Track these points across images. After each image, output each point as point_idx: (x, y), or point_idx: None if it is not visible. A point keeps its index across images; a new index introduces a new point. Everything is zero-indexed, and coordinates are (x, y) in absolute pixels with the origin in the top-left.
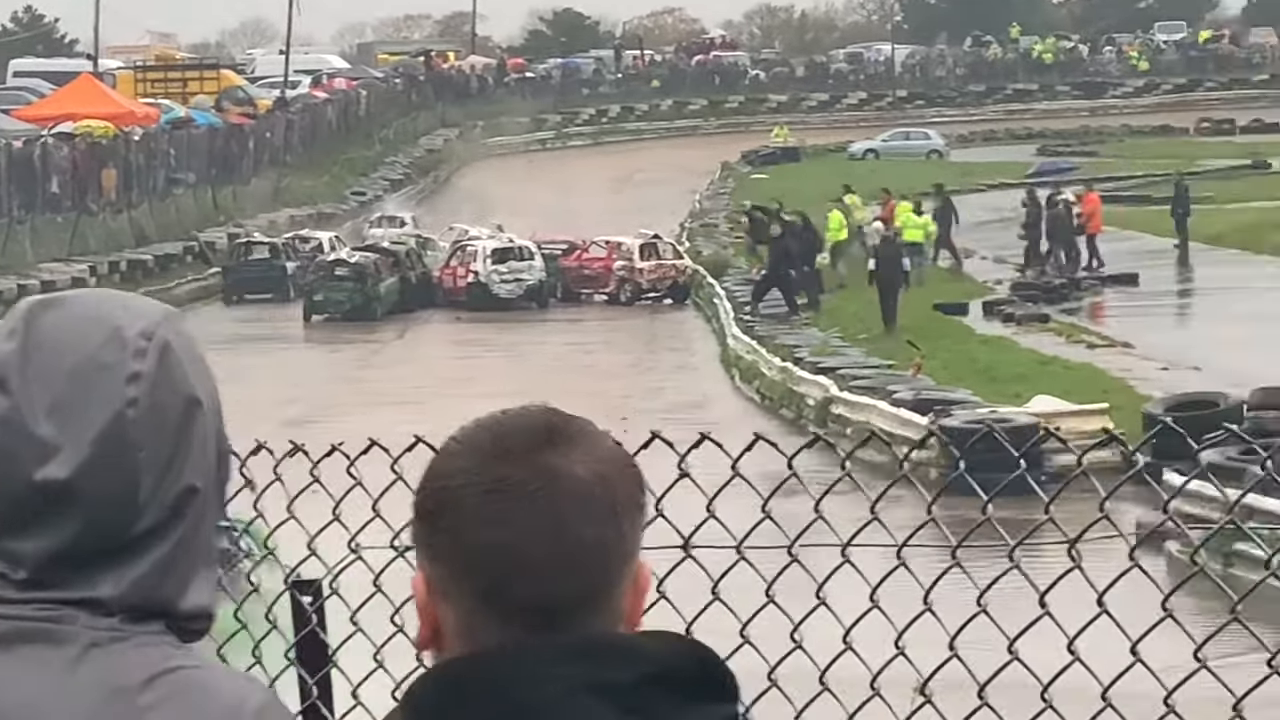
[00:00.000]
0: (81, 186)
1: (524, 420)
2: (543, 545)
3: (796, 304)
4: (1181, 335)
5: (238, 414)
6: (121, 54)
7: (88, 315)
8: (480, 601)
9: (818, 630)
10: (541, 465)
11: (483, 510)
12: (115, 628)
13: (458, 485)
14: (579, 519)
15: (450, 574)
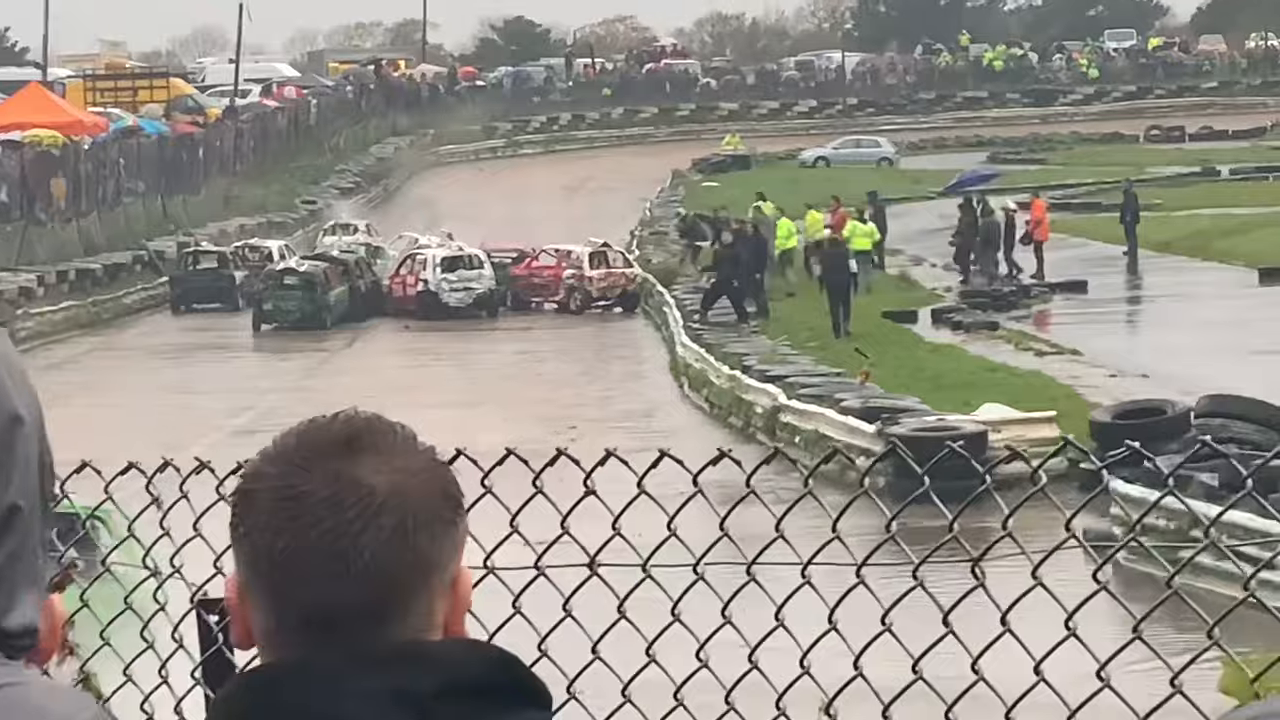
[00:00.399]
0: (30, 196)
1: (331, 427)
2: (322, 554)
3: (746, 312)
4: (1130, 342)
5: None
6: (71, 62)
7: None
8: (269, 607)
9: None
10: (333, 473)
11: (272, 516)
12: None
13: (256, 489)
14: (362, 529)
15: (247, 578)
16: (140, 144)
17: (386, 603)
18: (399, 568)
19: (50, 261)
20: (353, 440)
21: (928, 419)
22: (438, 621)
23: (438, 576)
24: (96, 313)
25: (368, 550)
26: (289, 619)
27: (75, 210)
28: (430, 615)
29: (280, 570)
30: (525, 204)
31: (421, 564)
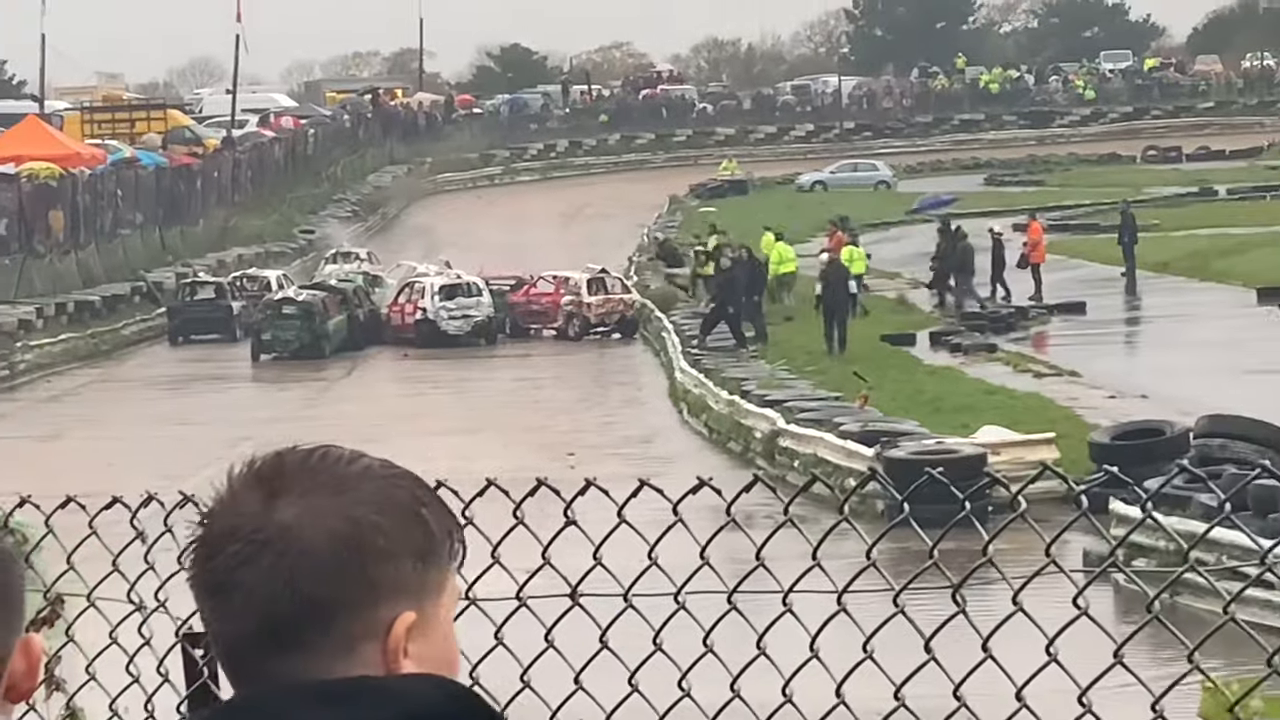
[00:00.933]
0: (28, 228)
1: (269, 462)
2: (216, 592)
3: (744, 337)
4: (1129, 363)
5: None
6: (69, 95)
7: None
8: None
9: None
10: (234, 513)
11: (195, 551)
12: None
13: (197, 524)
14: (243, 568)
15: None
16: (138, 175)
17: (280, 641)
18: (281, 607)
19: (48, 294)
20: (279, 476)
21: (927, 442)
22: (371, 663)
23: (346, 620)
24: (95, 344)
25: (245, 587)
26: (218, 649)
27: (73, 242)
28: (352, 657)
29: (200, 606)
30: (523, 231)
31: (310, 606)
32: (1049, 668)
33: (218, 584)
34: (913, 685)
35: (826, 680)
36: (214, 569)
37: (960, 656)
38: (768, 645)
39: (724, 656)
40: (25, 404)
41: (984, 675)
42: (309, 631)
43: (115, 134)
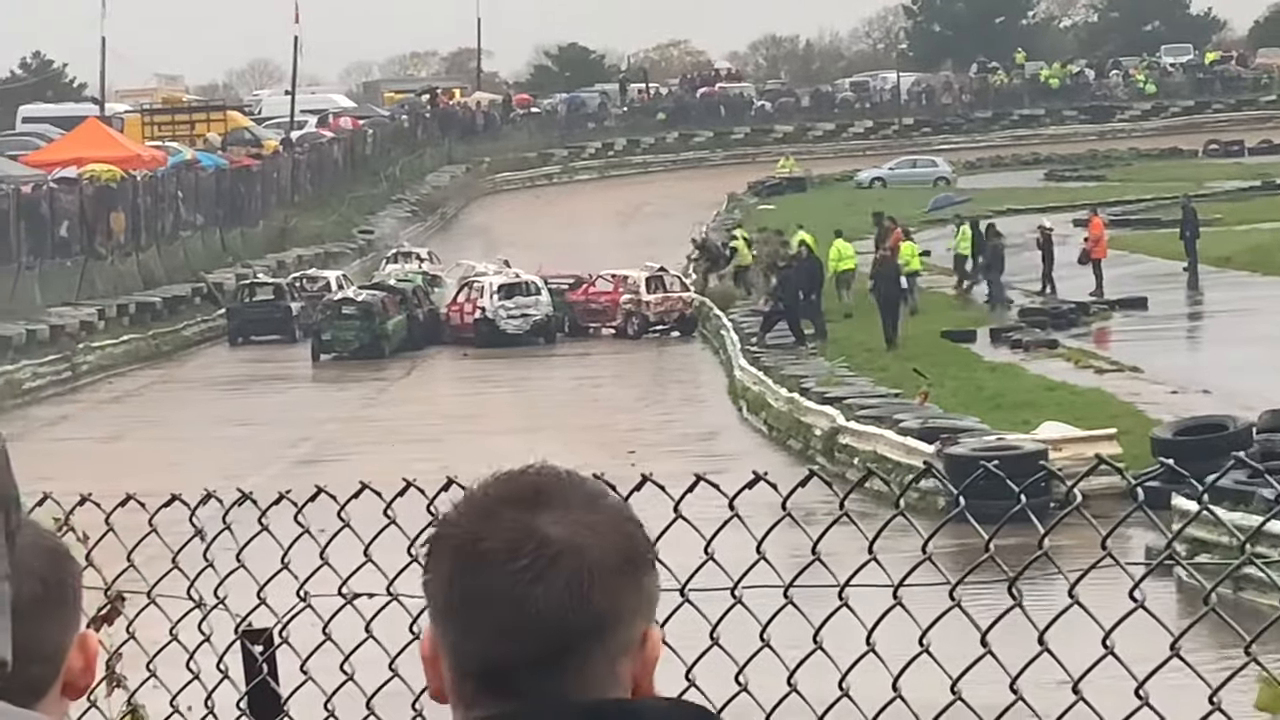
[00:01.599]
0: (90, 230)
1: (519, 479)
2: (496, 607)
3: (803, 335)
4: (1191, 358)
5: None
6: (129, 97)
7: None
8: (452, 658)
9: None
10: (513, 526)
11: (455, 567)
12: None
13: (442, 539)
14: (534, 579)
15: (437, 631)
16: (198, 177)
17: (561, 657)
18: (572, 621)
19: (110, 295)
20: (539, 493)
21: (987, 438)
22: (624, 682)
23: (618, 634)
24: (156, 346)
25: (540, 601)
26: (470, 671)
27: (134, 244)
28: (613, 675)
29: (458, 621)
30: (581, 230)
31: (597, 620)
32: (1107, 662)
33: (494, 599)
34: (968, 680)
35: (883, 675)
36: (491, 585)
37: (1017, 651)
38: (824, 640)
39: (780, 651)
40: (87, 405)
41: (1040, 670)
42: (589, 646)
43: (175, 136)
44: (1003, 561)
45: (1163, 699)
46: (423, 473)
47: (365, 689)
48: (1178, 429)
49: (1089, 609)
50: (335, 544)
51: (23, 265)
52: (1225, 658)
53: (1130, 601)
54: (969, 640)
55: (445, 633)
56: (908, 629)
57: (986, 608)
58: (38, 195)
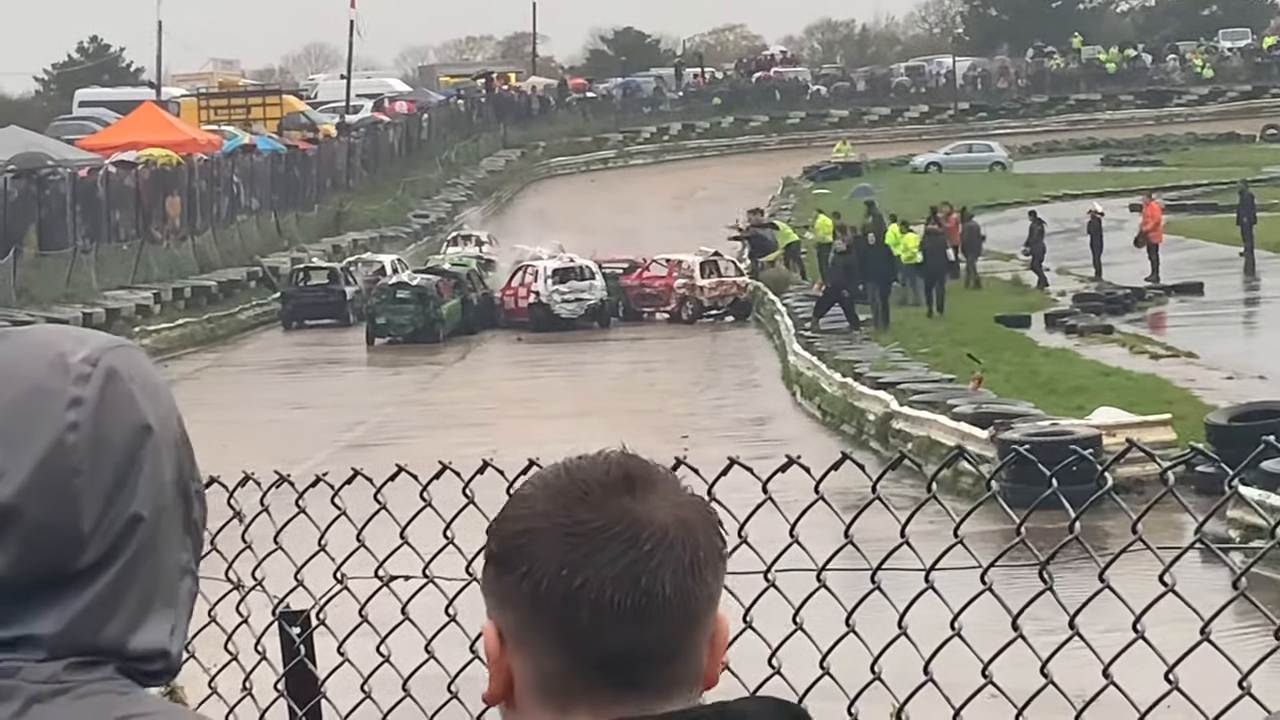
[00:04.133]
0: (145, 214)
1: (602, 465)
2: (623, 593)
3: (858, 320)
4: (1247, 344)
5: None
6: (185, 82)
7: (33, 345)
8: (559, 651)
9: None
10: (621, 510)
11: (563, 555)
12: (57, 679)
13: (536, 530)
14: (659, 566)
15: (527, 621)
16: (253, 161)
17: (680, 640)
18: (694, 602)
19: (166, 279)
20: (631, 478)
21: (1041, 424)
22: (703, 669)
23: (711, 619)
24: (212, 329)
25: (668, 584)
26: (587, 660)
27: (190, 228)
28: (700, 661)
29: (576, 612)
30: (636, 214)
31: (704, 604)
32: (1144, 647)
33: (638, 587)
34: (999, 664)
35: (915, 657)
36: (614, 572)
37: (1049, 637)
38: (856, 623)
39: (813, 634)
40: None
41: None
42: (698, 632)
43: (231, 120)
44: (1048, 545)
45: (1194, 683)
46: (474, 457)
47: (402, 671)
48: (1233, 415)
49: (1121, 595)
50: (373, 526)
51: (79, 249)
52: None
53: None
54: (1001, 624)
55: (550, 622)
56: (941, 612)
57: (1021, 592)
58: (94, 179)
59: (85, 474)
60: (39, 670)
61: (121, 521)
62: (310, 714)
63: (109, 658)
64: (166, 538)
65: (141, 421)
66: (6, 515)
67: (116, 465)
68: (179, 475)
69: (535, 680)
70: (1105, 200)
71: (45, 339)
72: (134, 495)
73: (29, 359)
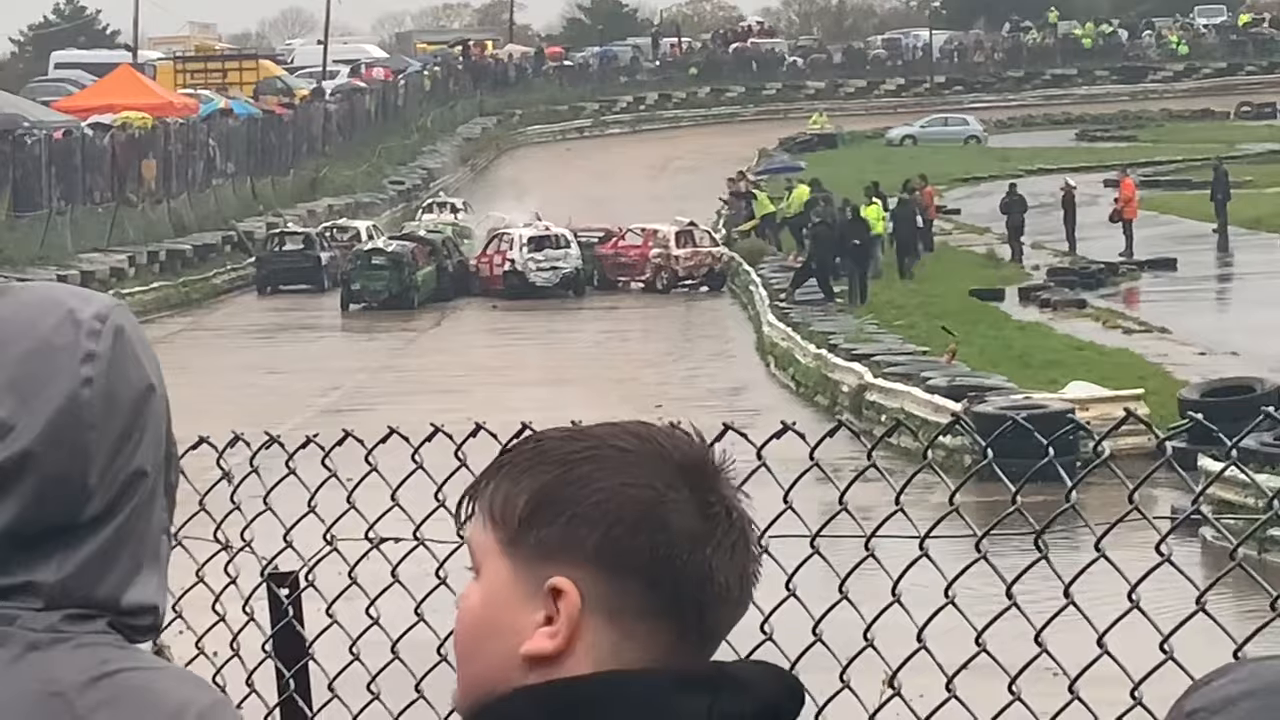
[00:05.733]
0: (121, 177)
1: (695, 444)
2: (734, 574)
3: (833, 292)
4: (1220, 320)
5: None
6: (162, 45)
7: (41, 300)
8: (664, 620)
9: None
10: (727, 496)
11: (695, 530)
12: (55, 628)
13: (663, 499)
14: (750, 550)
15: (633, 589)
16: (230, 125)
17: (738, 620)
18: (755, 586)
19: (140, 242)
20: (717, 464)
21: (1014, 397)
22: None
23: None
24: (186, 293)
25: (754, 570)
26: (690, 633)
27: (165, 191)
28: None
29: (700, 584)
30: (611, 183)
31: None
32: (1130, 617)
33: (745, 572)
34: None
35: (908, 625)
36: (741, 556)
37: (1041, 605)
38: (849, 590)
39: (806, 601)
40: None
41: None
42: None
43: (208, 84)
44: (1022, 520)
45: (1185, 655)
46: (449, 423)
47: (391, 633)
48: (1205, 390)
49: (1113, 561)
50: (361, 489)
51: (54, 211)
52: (1248, 614)
53: (1155, 557)
54: (993, 594)
55: (658, 594)
56: (933, 579)
57: (1011, 563)
58: (69, 141)
59: (97, 428)
60: (37, 619)
61: (124, 476)
62: (298, 675)
63: (103, 612)
64: (159, 496)
65: (146, 380)
66: (21, 466)
67: (124, 421)
68: (169, 438)
69: (610, 642)
70: (1080, 175)
71: (51, 294)
72: (136, 451)
73: (38, 314)
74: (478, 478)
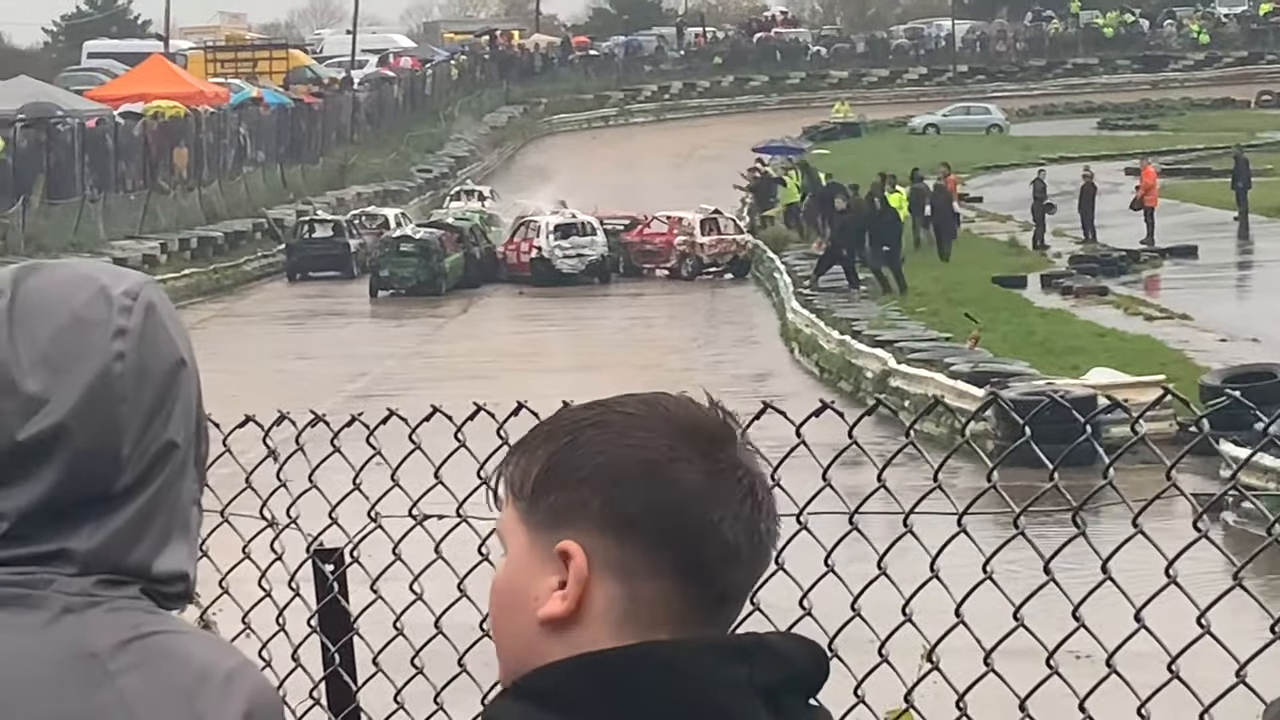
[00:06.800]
0: (153, 165)
1: (704, 410)
2: (745, 535)
3: (857, 278)
4: (1240, 307)
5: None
6: (193, 35)
7: (73, 276)
8: (672, 580)
9: (879, 599)
10: (738, 457)
11: (705, 492)
12: (89, 592)
13: (668, 460)
14: (767, 515)
15: (640, 549)
16: (260, 114)
17: (756, 580)
18: (772, 549)
19: (172, 229)
20: (732, 429)
21: (1036, 383)
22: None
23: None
24: (217, 280)
25: (771, 531)
26: (702, 593)
27: (196, 179)
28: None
29: (706, 545)
30: (637, 172)
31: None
32: (1168, 600)
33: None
34: (1025, 611)
35: (946, 600)
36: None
37: (1075, 585)
38: (888, 565)
39: (844, 576)
40: None
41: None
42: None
43: (238, 73)
44: (1047, 502)
45: (1218, 630)
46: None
47: (434, 609)
48: (1226, 376)
49: (1150, 537)
50: (405, 467)
51: (87, 198)
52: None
53: (1177, 538)
54: (1026, 573)
55: (667, 555)
56: (965, 560)
57: (1043, 540)
58: (102, 129)
59: (129, 401)
60: (71, 584)
61: (156, 448)
62: (342, 650)
63: (135, 578)
64: (190, 468)
65: (177, 355)
66: (56, 438)
67: (155, 394)
68: (199, 412)
69: (622, 605)
70: (1101, 164)
71: (84, 271)
72: (168, 424)
73: (71, 290)
74: (503, 459)
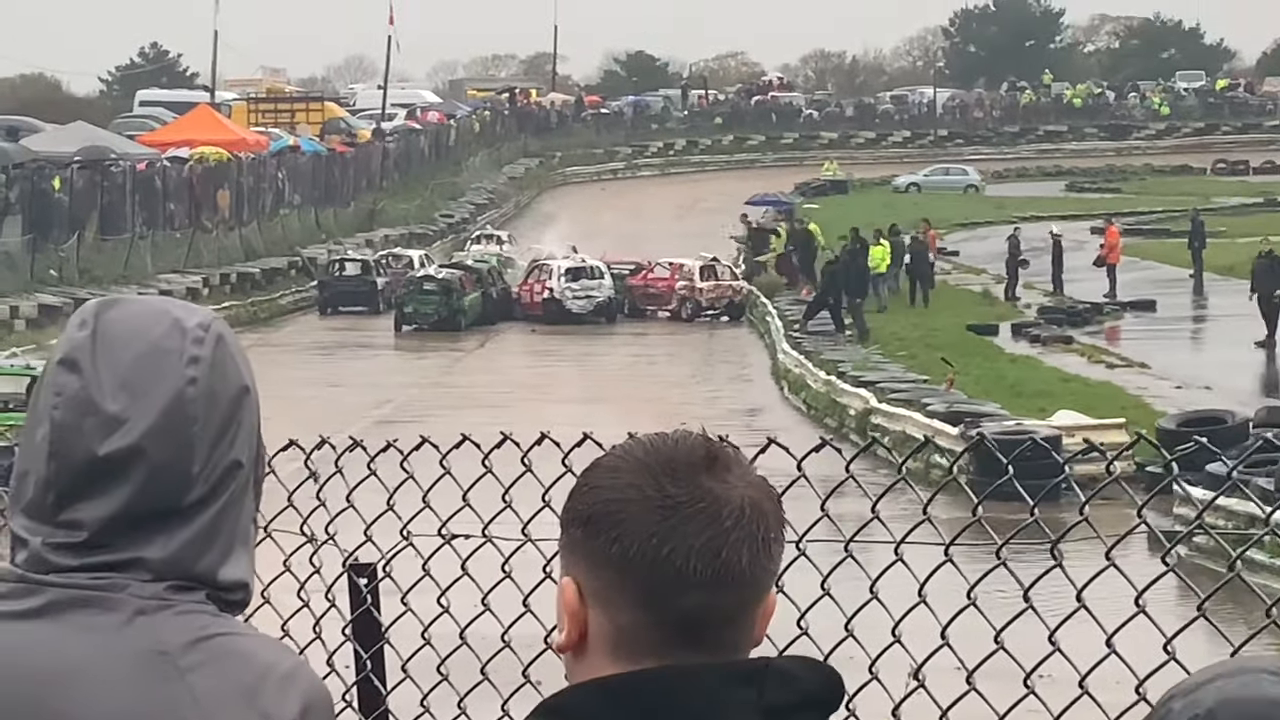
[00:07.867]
0: (197, 206)
1: (685, 445)
2: (704, 563)
3: (844, 324)
4: (1194, 357)
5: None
6: (236, 86)
7: (151, 310)
8: (640, 611)
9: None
10: (704, 488)
11: (653, 526)
12: (161, 596)
13: (628, 500)
14: (737, 541)
15: (611, 581)
16: (297, 160)
17: (744, 607)
18: (761, 575)
19: (214, 265)
20: (712, 457)
21: (1007, 423)
22: (754, 634)
23: (770, 590)
24: (254, 312)
25: (744, 558)
26: (664, 619)
27: (238, 219)
28: (754, 626)
29: (661, 576)
30: (642, 221)
31: (771, 574)
32: (1133, 631)
33: (720, 559)
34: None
35: (933, 623)
36: (700, 543)
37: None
38: (879, 590)
39: (838, 598)
40: None
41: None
42: (760, 600)
43: (277, 123)
44: (1023, 535)
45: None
46: (492, 435)
47: (459, 621)
48: (1181, 420)
49: (1121, 570)
50: (434, 490)
51: (137, 235)
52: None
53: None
54: (1007, 600)
55: (634, 585)
56: (949, 585)
57: (1020, 569)
58: (151, 172)
59: (200, 422)
60: (144, 588)
61: (223, 466)
62: (374, 658)
63: (202, 585)
64: (251, 485)
65: (242, 382)
66: (133, 455)
67: (223, 418)
68: (259, 437)
69: (609, 633)
70: (1069, 223)
71: (159, 305)
72: (234, 445)
73: (149, 322)
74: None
